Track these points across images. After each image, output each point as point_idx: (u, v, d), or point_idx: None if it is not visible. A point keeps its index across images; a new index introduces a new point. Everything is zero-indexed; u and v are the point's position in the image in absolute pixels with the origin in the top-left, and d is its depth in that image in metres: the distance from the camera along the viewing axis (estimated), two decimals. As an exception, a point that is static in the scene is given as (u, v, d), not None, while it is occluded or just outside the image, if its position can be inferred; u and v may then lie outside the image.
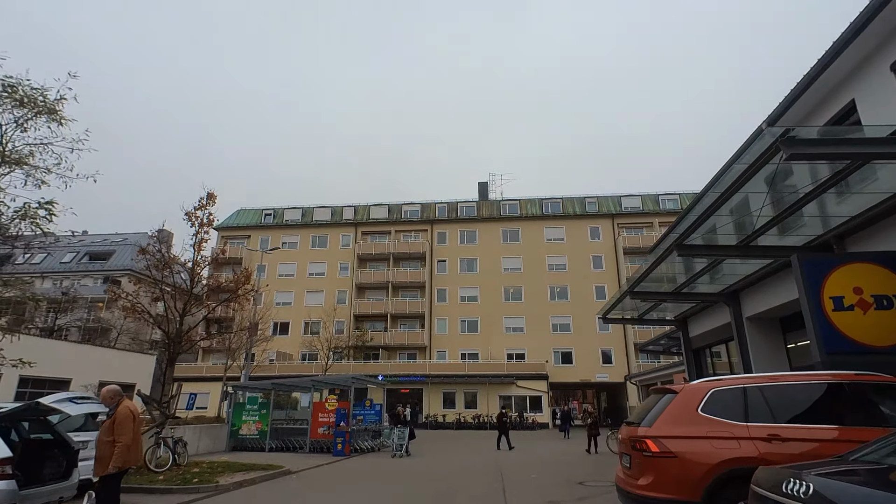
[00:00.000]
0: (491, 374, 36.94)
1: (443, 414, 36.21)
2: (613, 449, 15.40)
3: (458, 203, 46.41)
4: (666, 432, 4.73)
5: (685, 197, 44.05)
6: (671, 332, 22.72)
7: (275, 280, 44.48)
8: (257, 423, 18.32)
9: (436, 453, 18.15)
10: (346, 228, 46.01)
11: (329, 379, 18.94)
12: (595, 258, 42.37)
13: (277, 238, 46.23)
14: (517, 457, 16.65)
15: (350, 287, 43.59)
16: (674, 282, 14.25)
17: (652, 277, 13.78)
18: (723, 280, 13.43)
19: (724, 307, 14.33)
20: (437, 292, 42.91)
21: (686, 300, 14.87)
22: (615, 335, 39.95)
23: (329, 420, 17.87)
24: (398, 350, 41.74)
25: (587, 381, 39.46)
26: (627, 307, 17.43)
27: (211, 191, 12.95)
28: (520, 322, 41.20)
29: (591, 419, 16.78)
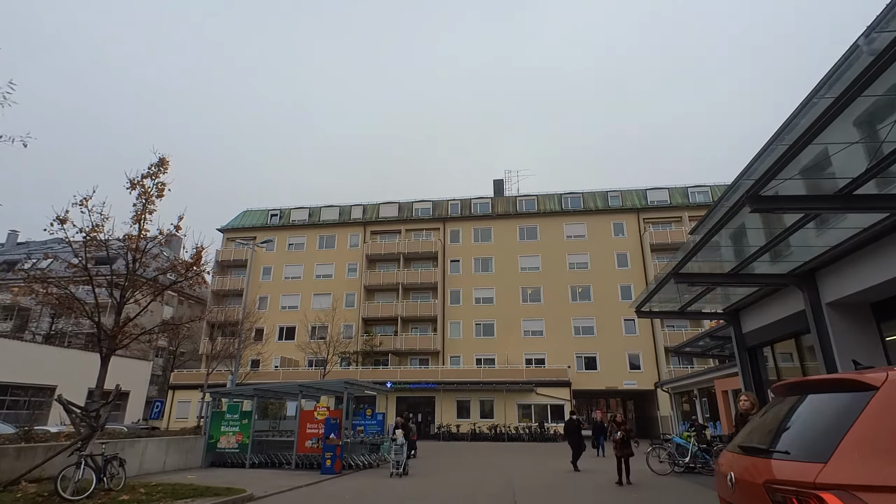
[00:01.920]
0: (508, 380, 34.17)
1: (456, 424, 33.54)
2: (655, 468, 12.67)
3: (472, 200, 43.95)
4: (865, 476, 2.14)
5: (717, 189, 40.83)
6: (715, 330, 19.81)
7: (281, 283, 42.65)
8: (237, 435, 16.01)
9: (442, 471, 15.56)
10: (354, 228, 43.92)
11: (319, 384, 16.59)
12: (619, 256, 39.39)
13: (284, 239, 44.42)
14: (541, 478, 13.93)
15: (359, 289, 41.37)
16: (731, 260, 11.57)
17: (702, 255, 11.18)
18: (794, 256, 10.70)
19: (793, 292, 11.56)
20: (450, 294, 40.40)
21: (745, 284, 12.11)
22: (643, 338, 36.86)
23: (318, 432, 15.46)
24: (409, 355, 39.27)
25: (613, 388, 36.38)
26: (666, 298, 14.68)
27: (164, 156, 10.80)
28: (539, 325, 38.38)
29: (623, 433, 11.39)
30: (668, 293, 14.42)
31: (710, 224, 10.08)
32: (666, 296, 14.48)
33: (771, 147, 8.35)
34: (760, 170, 7.36)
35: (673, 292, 14.31)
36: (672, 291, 14.28)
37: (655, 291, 13.32)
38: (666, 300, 14.93)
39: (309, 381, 16.68)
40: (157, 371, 48.18)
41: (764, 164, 7.58)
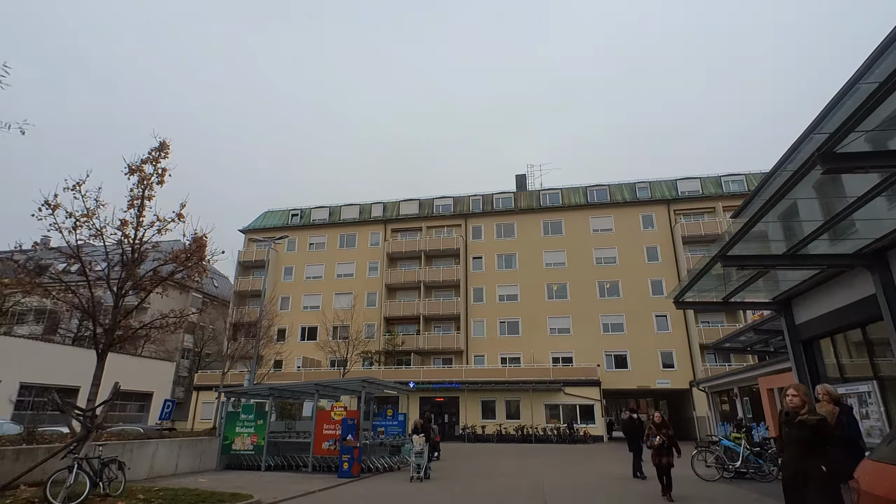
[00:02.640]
0: (535, 379, 32.97)
1: (482, 425, 32.51)
2: (701, 473, 11.45)
3: (494, 195, 42.85)
4: None
5: (753, 177, 38.79)
6: (760, 323, 18.33)
7: (302, 283, 42.39)
8: (252, 437, 15.39)
9: (466, 475, 14.61)
10: (374, 226, 43.35)
11: (335, 383, 15.84)
12: (649, 249, 37.72)
13: (305, 239, 44.17)
14: (576, 485, 12.84)
15: (380, 288, 40.75)
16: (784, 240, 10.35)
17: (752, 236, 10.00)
18: (860, 234, 9.44)
19: (858, 276, 10.27)
20: (472, 291, 39.40)
21: (804, 266, 10.80)
22: (677, 335, 35.16)
23: (335, 433, 14.71)
24: (432, 355, 38.43)
25: (646, 387, 34.80)
26: (707, 287, 13.40)
27: (164, 140, 10.16)
28: (566, 322, 37.04)
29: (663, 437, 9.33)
30: (711, 281, 13.15)
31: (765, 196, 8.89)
32: (708, 284, 13.22)
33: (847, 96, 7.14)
34: (836, 121, 6.21)
35: (716, 280, 13.05)
36: (715, 280, 13.02)
37: (698, 278, 12.07)
38: (707, 289, 13.65)
39: (325, 379, 15.96)
40: (184, 372, 48.66)
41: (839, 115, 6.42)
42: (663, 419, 9.49)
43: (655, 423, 9.57)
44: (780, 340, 19.97)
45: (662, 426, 9.54)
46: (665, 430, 9.42)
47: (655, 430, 9.47)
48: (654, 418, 9.48)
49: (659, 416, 9.50)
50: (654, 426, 9.50)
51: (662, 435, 9.35)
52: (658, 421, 9.59)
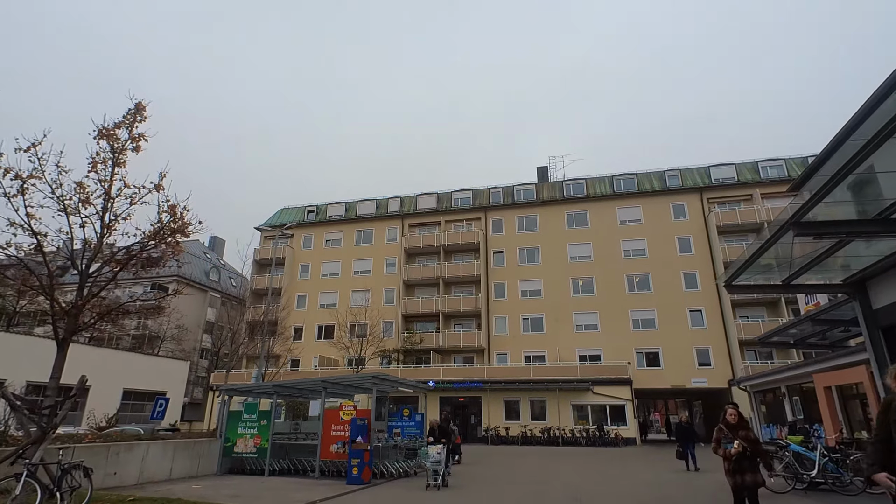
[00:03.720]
0: (561, 378, 31.17)
1: (505, 426, 30.86)
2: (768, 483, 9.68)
3: (515, 187, 41.15)
4: None
5: (793, 162, 36.24)
6: (820, 311, 16.31)
7: (318, 280, 41.43)
8: (255, 438, 14.14)
9: (489, 482, 13.07)
10: (392, 221, 42.11)
11: (345, 379, 14.49)
12: (681, 240, 35.52)
13: (321, 236, 43.21)
14: (619, 495, 11.18)
15: (398, 285, 39.46)
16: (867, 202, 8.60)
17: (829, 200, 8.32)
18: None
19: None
20: (494, 287, 37.79)
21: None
22: (713, 331, 32.91)
23: (344, 434, 13.35)
24: (452, 353, 36.94)
25: (680, 387, 32.64)
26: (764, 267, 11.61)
27: (140, 101, 8.92)
28: (593, 318, 35.11)
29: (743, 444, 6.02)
30: (770, 261, 11.39)
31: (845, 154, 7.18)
32: (766, 265, 11.46)
33: None
34: None
35: (776, 258, 11.27)
36: (775, 259, 11.25)
37: (759, 254, 10.32)
38: (765, 270, 11.87)
39: (333, 376, 14.65)
40: (202, 372, 48.29)
41: None
42: (740, 416, 6.33)
43: (728, 422, 6.28)
44: (842, 331, 17.91)
45: (740, 426, 6.26)
46: (744, 432, 6.19)
47: (729, 431, 6.19)
48: (728, 416, 6.32)
49: (734, 412, 6.34)
50: (727, 427, 6.25)
51: (741, 439, 6.03)
52: (733, 420, 6.29)
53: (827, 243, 9.92)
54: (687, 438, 14.24)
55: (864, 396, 17.40)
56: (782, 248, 10.56)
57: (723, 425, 6.35)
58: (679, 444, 14.50)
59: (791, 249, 9.95)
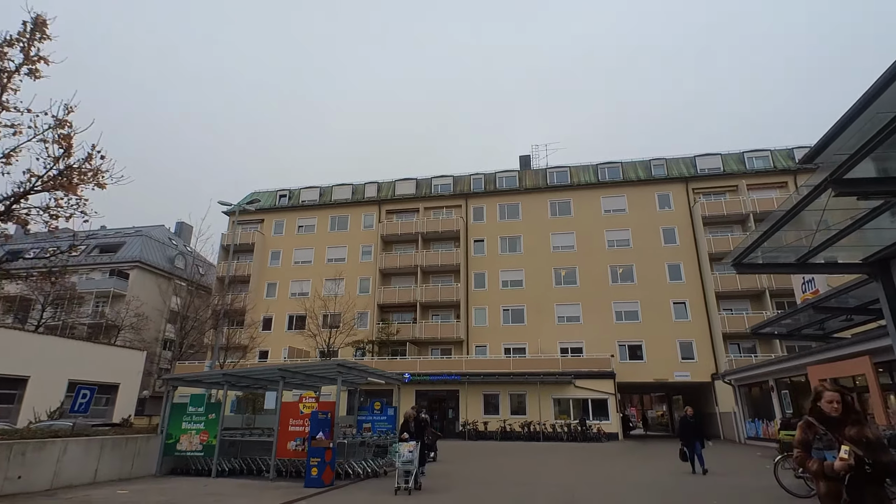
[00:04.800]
0: (542, 371, 29.97)
1: (484, 421, 29.53)
2: (789, 484, 8.45)
3: (497, 174, 39.73)
4: None
5: (779, 154, 35.74)
6: (822, 299, 15.29)
7: (290, 268, 39.38)
8: (202, 434, 12.38)
9: (469, 483, 11.63)
10: (368, 207, 40.26)
11: (305, 367, 12.82)
12: (666, 231, 34.66)
13: (293, 221, 41.11)
14: (618, 498, 9.84)
15: (374, 273, 37.71)
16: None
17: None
18: None
19: None
20: (473, 277, 36.37)
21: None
22: (697, 324, 32.16)
23: (303, 430, 11.71)
24: (429, 344, 35.43)
25: (663, 380, 31.79)
26: (775, 245, 10.38)
27: (40, 15, 7.10)
28: (575, 310, 34.01)
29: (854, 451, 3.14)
30: (786, 235, 10.16)
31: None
32: (779, 240, 10.22)
33: None
34: None
35: (793, 234, 10.06)
36: (792, 233, 10.02)
37: (782, 224, 9.01)
38: (776, 247, 10.64)
39: (291, 364, 12.94)
40: (165, 364, 45.71)
41: None
42: (846, 405, 3.54)
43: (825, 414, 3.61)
44: (843, 320, 16.98)
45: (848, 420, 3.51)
46: (857, 429, 3.42)
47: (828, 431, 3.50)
48: (825, 402, 3.62)
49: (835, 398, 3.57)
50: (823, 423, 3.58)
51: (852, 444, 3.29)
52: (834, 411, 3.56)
53: (859, 211, 8.70)
54: (693, 435, 12.57)
55: (864, 389, 16.57)
56: (804, 218, 9.32)
57: (813, 420, 3.62)
58: (683, 443, 12.67)
59: (820, 217, 8.69)
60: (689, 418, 12.63)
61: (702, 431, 12.64)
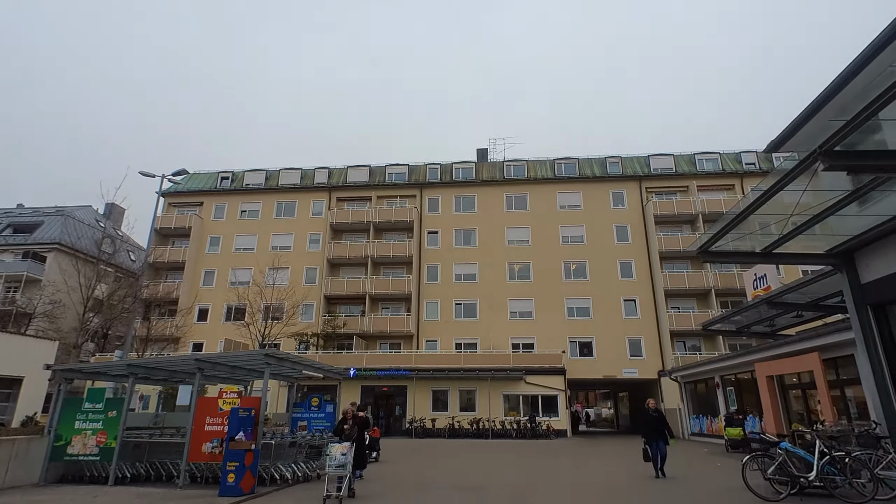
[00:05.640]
0: (493, 367, 29.23)
1: (432, 418, 28.46)
2: (758, 487, 7.79)
3: (454, 164, 38.71)
4: None
5: (727, 157, 36.66)
6: (776, 294, 15.16)
7: (230, 255, 36.81)
8: (99, 435, 10.56)
9: (411, 486, 10.46)
10: (318, 194, 38.22)
11: (226, 357, 11.21)
12: (619, 228, 34.79)
13: (235, 205, 38.51)
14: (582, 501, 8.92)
15: (321, 263, 35.80)
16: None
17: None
18: None
19: None
20: (426, 269, 35.21)
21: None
22: (646, 321, 32.42)
23: (222, 429, 10.16)
24: (378, 338, 33.99)
25: (612, 377, 31.84)
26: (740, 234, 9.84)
27: None
28: (528, 305, 33.54)
29: None
30: (755, 223, 9.62)
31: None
32: (744, 229, 9.67)
33: None
34: None
35: (758, 222, 9.52)
36: (758, 223, 9.48)
37: (754, 208, 8.37)
38: (741, 235, 10.10)
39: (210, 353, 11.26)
40: (87, 357, 41.81)
41: None
42: None
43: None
44: (794, 317, 17.04)
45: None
46: None
47: None
48: None
49: None
50: None
51: None
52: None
53: (837, 192, 8.17)
54: (658, 433, 11.13)
55: (808, 386, 16.68)
56: (776, 203, 8.74)
57: None
58: (646, 440, 11.24)
59: (798, 198, 8.08)
60: (651, 412, 11.56)
61: (667, 427, 11.45)
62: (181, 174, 15.44)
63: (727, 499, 8.40)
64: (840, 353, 14.70)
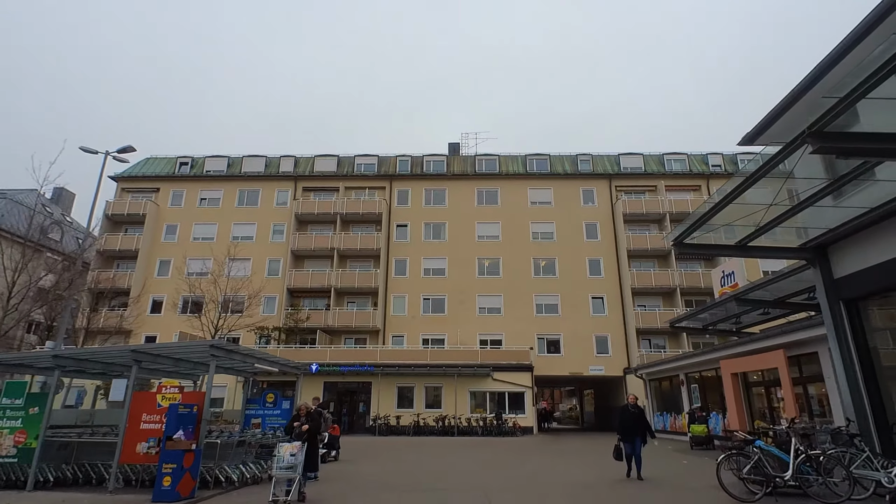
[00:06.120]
0: (461, 363, 28.71)
1: (396, 415, 27.73)
2: (732, 486, 7.44)
3: (424, 157, 37.98)
4: None
5: (695, 159, 37.22)
6: (744, 291, 15.14)
7: (188, 244, 35.01)
8: (18, 434, 9.43)
9: (368, 488, 9.75)
10: (283, 183, 36.83)
11: (168, 348, 10.14)
12: (589, 226, 34.84)
13: (195, 192, 36.72)
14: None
15: (285, 255, 34.49)
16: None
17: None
18: None
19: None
20: (394, 263, 34.38)
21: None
22: (612, 319, 32.56)
23: (160, 427, 9.20)
24: (343, 333, 32.97)
25: (578, 374, 31.85)
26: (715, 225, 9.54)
27: None
28: (497, 301, 33.19)
29: None
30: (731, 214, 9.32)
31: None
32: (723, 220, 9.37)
33: None
34: None
35: (738, 213, 9.21)
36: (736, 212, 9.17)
37: (734, 196, 8.02)
38: (718, 228, 9.81)
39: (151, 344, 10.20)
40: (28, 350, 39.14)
41: None
42: None
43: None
44: (761, 314, 17.12)
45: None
46: None
47: None
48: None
49: None
50: None
51: None
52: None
53: (816, 182, 7.90)
54: (636, 431, 10.23)
55: (771, 384, 16.79)
56: (753, 194, 8.46)
57: None
58: (622, 438, 10.33)
59: (781, 186, 7.78)
60: (631, 407, 10.56)
61: (647, 425, 10.58)
62: (127, 151, 14.15)
63: (702, 499, 8.05)
64: (803, 350, 14.78)
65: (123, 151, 14.09)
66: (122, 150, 14.00)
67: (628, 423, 10.29)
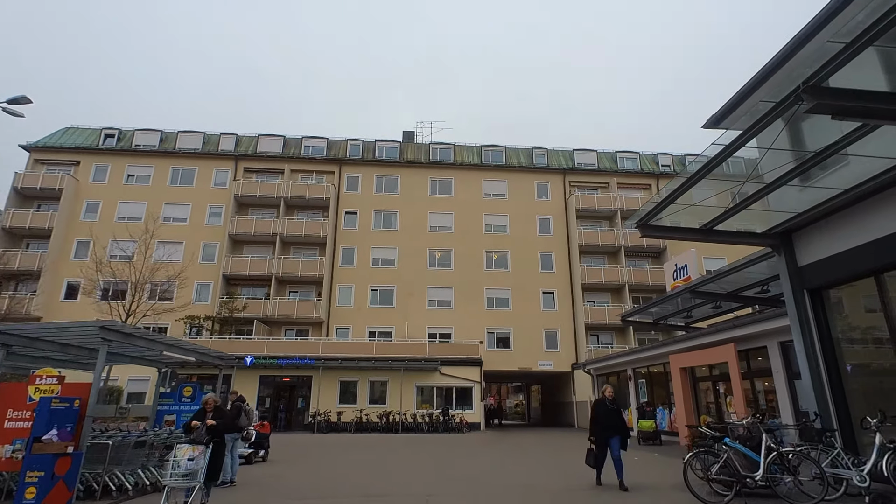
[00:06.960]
0: (408, 357, 27.52)
1: (338, 411, 26.19)
2: (699, 488, 6.72)
3: (377, 142, 36.42)
4: None
5: (646, 158, 37.72)
6: (697, 284, 14.83)
7: (111, 223, 31.77)
8: None
9: (290, 497, 8.41)
10: (222, 162, 34.20)
11: (45, 330, 8.37)
12: (542, 220, 34.52)
13: (121, 167, 33.46)
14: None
15: (222, 239, 32.02)
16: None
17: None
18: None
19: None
20: (341, 252, 32.70)
21: None
22: (562, 314, 32.39)
23: (29, 426, 7.49)
24: (284, 325, 30.98)
25: (527, 369, 31.44)
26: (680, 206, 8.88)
27: None
28: (447, 294, 32.23)
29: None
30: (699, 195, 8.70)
31: None
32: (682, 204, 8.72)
33: None
34: None
35: (708, 189, 8.59)
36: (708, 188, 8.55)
37: (706, 172, 7.30)
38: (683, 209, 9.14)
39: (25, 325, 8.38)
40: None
41: None
42: None
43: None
44: (713, 308, 16.97)
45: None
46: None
47: None
48: None
49: None
50: None
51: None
52: None
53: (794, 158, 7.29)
54: (615, 429, 8.57)
55: (720, 378, 16.71)
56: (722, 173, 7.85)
57: None
58: (596, 438, 8.63)
59: (756, 163, 7.11)
60: (609, 402, 8.83)
61: (625, 423, 8.90)
62: (21, 102, 11.90)
63: (672, 499, 7.31)
64: (752, 345, 14.69)
65: (15, 102, 11.89)
66: (12, 100, 11.78)
67: (609, 421, 8.56)
